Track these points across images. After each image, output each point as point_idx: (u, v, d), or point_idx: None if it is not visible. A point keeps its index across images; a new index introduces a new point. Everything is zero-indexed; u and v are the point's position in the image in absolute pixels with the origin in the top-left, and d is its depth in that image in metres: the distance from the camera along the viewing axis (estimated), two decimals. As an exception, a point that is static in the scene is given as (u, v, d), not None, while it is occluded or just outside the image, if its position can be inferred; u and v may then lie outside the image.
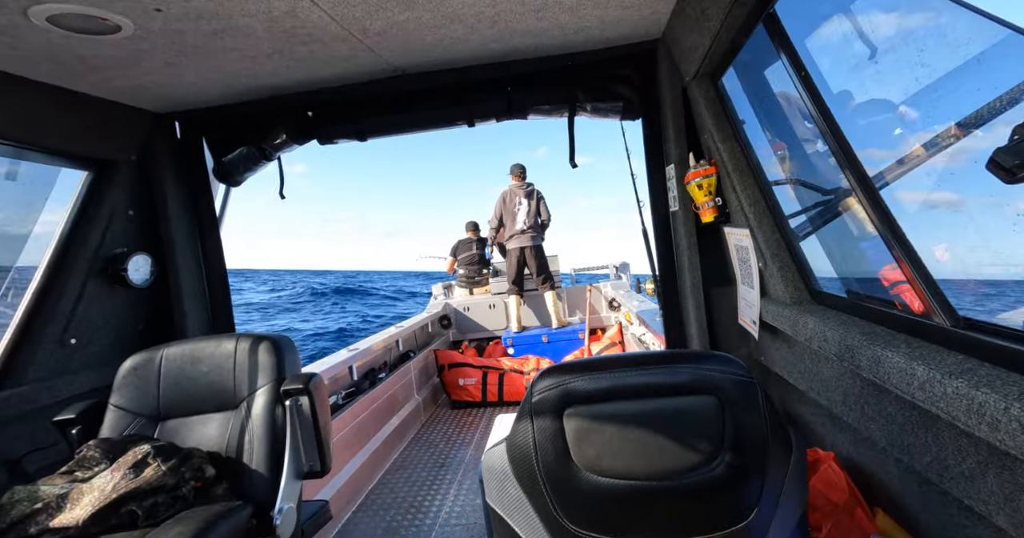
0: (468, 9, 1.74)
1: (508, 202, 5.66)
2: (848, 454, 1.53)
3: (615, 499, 0.89)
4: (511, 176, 5.73)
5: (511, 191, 5.67)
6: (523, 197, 5.60)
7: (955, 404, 0.92)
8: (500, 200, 5.73)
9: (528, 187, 5.65)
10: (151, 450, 1.53)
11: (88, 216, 2.24)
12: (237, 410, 1.74)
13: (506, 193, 5.70)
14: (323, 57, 2.05)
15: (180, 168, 2.59)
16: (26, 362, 1.99)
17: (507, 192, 5.70)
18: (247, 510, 1.52)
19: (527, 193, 5.62)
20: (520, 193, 5.61)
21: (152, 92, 2.22)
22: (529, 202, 5.59)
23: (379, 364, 4.08)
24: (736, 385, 0.85)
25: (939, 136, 1.19)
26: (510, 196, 5.66)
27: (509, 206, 5.64)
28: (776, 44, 1.43)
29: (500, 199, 5.73)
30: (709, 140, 2.02)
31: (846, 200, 1.49)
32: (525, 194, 5.61)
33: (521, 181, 5.68)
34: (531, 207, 5.59)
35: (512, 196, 5.65)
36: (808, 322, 1.50)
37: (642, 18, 1.97)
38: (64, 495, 1.39)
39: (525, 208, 5.58)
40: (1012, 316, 1.18)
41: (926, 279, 1.15)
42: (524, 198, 5.60)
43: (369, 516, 2.84)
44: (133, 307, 2.43)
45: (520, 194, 5.61)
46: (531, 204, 5.60)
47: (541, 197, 5.71)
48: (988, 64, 0.98)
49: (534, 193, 5.65)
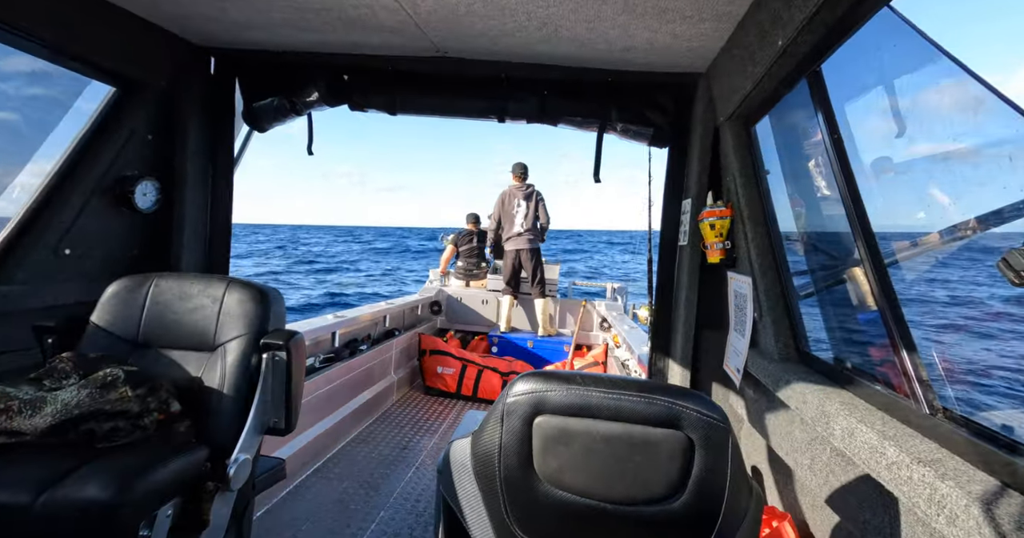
0: (521, 6, 1.75)
1: (507, 204, 5.65)
2: (803, 518, 1.54)
3: (569, 515, 0.90)
4: (512, 175, 5.72)
5: (510, 192, 5.66)
6: (522, 199, 5.59)
7: (918, 491, 0.93)
8: (499, 201, 5.72)
9: (528, 189, 5.64)
10: (122, 374, 1.54)
11: (106, 132, 2.24)
12: (214, 353, 1.75)
13: (505, 194, 5.69)
14: (371, 23, 2.05)
15: (207, 102, 2.58)
16: (17, 263, 2.00)
17: (506, 193, 5.69)
18: (203, 452, 1.53)
19: (526, 195, 5.61)
20: (519, 195, 5.61)
21: (195, 23, 2.22)
22: (528, 204, 5.58)
23: (363, 336, 4.10)
24: (709, 428, 0.85)
25: (958, 226, 1.19)
26: (509, 198, 5.66)
27: (508, 208, 5.63)
28: (815, 102, 1.44)
29: (499, 200, 5.72)
30: (731, 182, 2.03)
31: (852, 269, 1.50)
32: (524, 196, 5.60)
33: (521, 182, 5.67)
34: (529, 209, 5.58)
35: (511, 198, 5.64)
36: (791, 381, 1.50)
37: (690, 50, 1.97)
38: (28, 401, 1.40)
39: (523, 210, 5.58)
40: (991, 415, 1.18)
41: (915, 363, 1.15)
42: (523, 200, 5.59)
43: (323, 483, 2.85)
44: (133, 231, 2.43)
45: (519, 196, 5.60)
46: (529, 206, 5.59)
47: (540, 199, 5.69)
48: (1019, 163, 0.99)
49: (533, 195, 5.64)
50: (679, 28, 1.80)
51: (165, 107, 2.45)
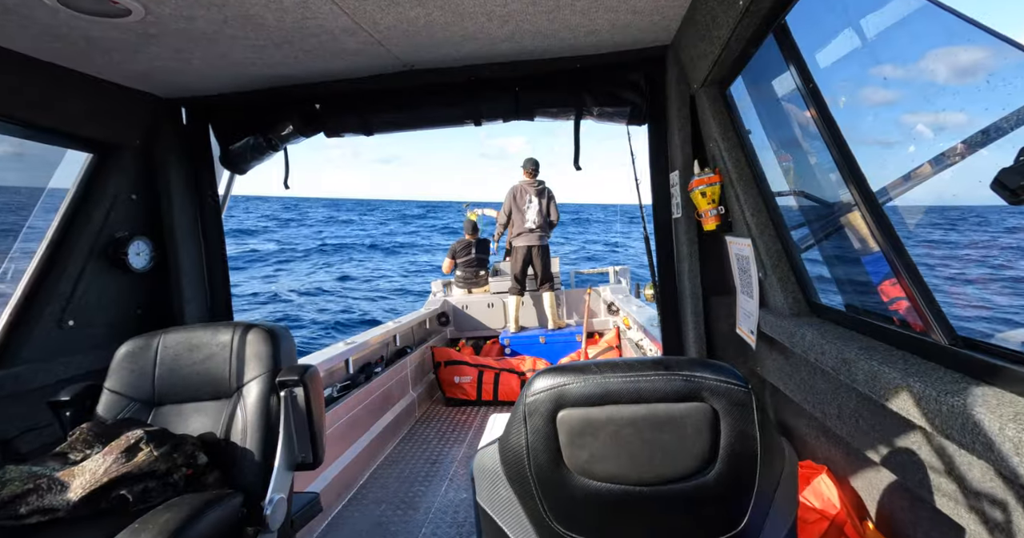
0: (479, 7, 1.74)
1: (519, 199, 5.65)
2: (840, 468, 1.53)
3: (605, 503, 0.89)
4: (523, 171, 5.72)
5: (522, 188, 5.66)
6: (534, 195, 5.59)
7: (950, 422, 0.92)
8: (510, 196, 5.71)
9: (539, 185, 5.65)
10: (144, 435, 1.53)
11: (91, 199, 2.24)
12: (232, 399, 1.74)
13: (516, 189, 5.69)
14: (333, 49, 2.05)
15: (184, 154, 2.58)
16: (23, 342, 1.99)
17: (517, 188, 5.69)
18: (238, 499, 1.52)
19: (538, 191, 5.61)
20: (531, 191, 5.61)
21: (160, 77, 2.22)
22: (540, 201, 5.59)
23: (375, 358, 4.09)
24: (731, 394, 0.85)
25: (945, 153, 1.19)
26: (520, 193, 5.65)
27: (519, 203, 5.63)
28: (785, 55, 1.43)
29: (510, 195, 5.71)
30: (715, 148, 2.03)
31: (849, 214, 1.49)
32: (536, 192, 5.60)
33: (532, 178, 5.67)
34: (541, 206, 5.59)
35: (523, 193, 5.64)
36: (806, 334, 1.50)
37: (652, 24, 1.97)
38: (55, 477, 1.39)
39: (536, 206, 5.58)
40: (1010, 335, 1.19)
41: (926, 296, 1.15)
42: (535, 196, 5.59)
43: (359, 510, 2.85)
44: (132, 291, 2.43)
45: (531, 192, 5.61)
46: (542, 202, 5.59)
47: (552, 196, 5.70)
48: (998, 84, 0.98)
49: (545, 191, 5.65)
50: (639, 3, 1.80)
51: (144, 164, 2.45)
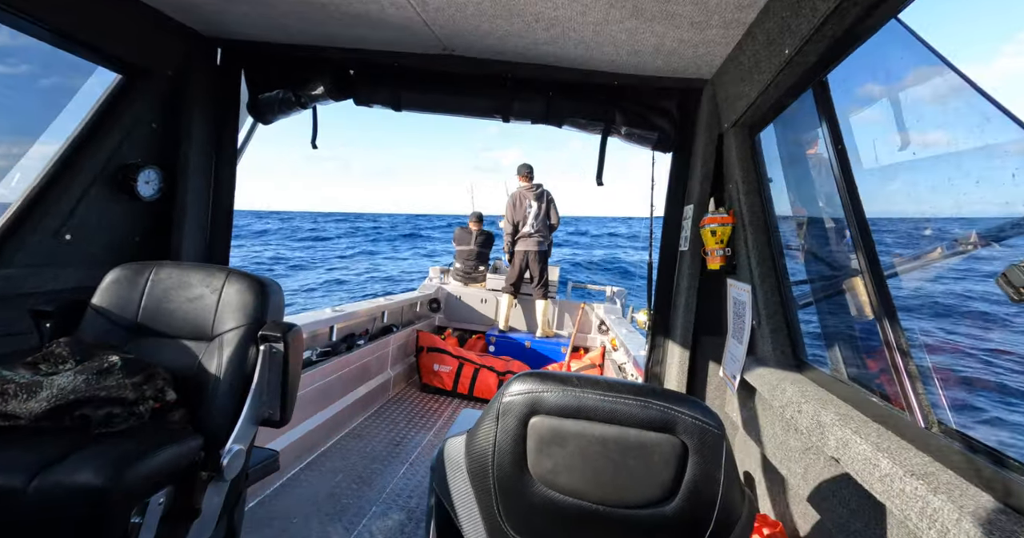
0: (529, 6, 1.75)
1: (519, 205, 5.64)
2: (794, 527, 1.54)
3: (561, 516, 0.90)
4: (519, 177, 5.71)
5: (521, 194, 5.65)
6: (532, 200, 5.59)
7: (910, 504, 0.93)
8: (511, 204, 5.71)
9: (537, 189, 5.64)
10: (118, 361, 1.54)
11: (110, 120, 2.24)
12: (212, 343, 1.75)
13: (515, 196, 5.68)
14: (377, 19, 2.05)
15: (212, 94, 2.58)
16: (16, 247, 1.99)
17: (516, 195, 5.68)
18: (197, 441, 1.53)
19: (537, 195, 5.61)
20: (530, 196, 5.61)
21: (202, 12, 2.22)
22: (539, 205, 5.59)
23: (360, 331, 4.10)
24: (704, 433, 0.85)
25: (959, 241, 1.20)
26: (520, 199, 5.65)
27: (520, 209, 5.63)
28: (820, 111, 1.44)
29: (510, 203, 5.71)
30: (733, 190, 2.03)
31: (852, 279, 1.50)
32: (535, 197, 5.60)
33: (529, 182, 5.67)
34: (541, 210, 5.59)
35: (522, 199, 5.64)
36: (787, 389, 1.50)
37: (696, 56, 1.97)
38: (24, 384, 1.40)
39: (535, 211, 5.58)
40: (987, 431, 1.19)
41: (911, 375, 1.15)
42: (534, 201, 5.59)
43: (316, 476, 2.86)
44: (134, 218, 2.43)
45: (530, 197, 5.60)
46: (541, 207, 5.59)
47: (551, 199, 5.69)
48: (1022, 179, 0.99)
49: (543, 195, 5.64)
50: (686, 34, 1.80)
51: (170, 96, 2.45)
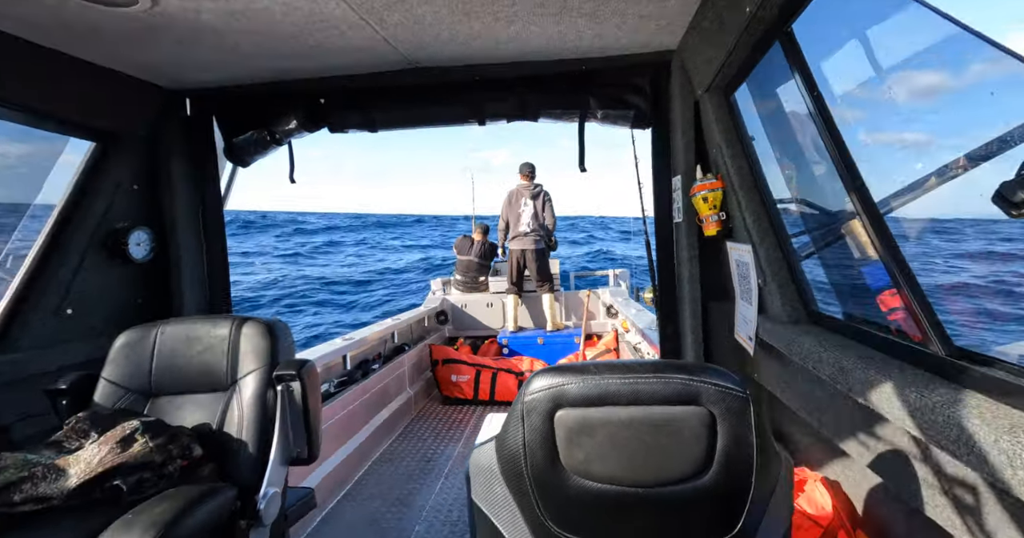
0: (486, 7, 1.74)
1: (513, 202, 5.63)
2: (835, 476, 1.54)
3: (601, 504, 0.90)
4: (519, 175, 5.71)
5: (517, 191, 5.65)
6: (528, 198, 5.58)
7: (945, 433, 0.92)
8: (506, 200, 5.70)
9: (535, 188, 5.63)
10: (139, 426, 1.53)
11: (92, 188, 2.24)
12: (228, 392, 1.74)
13: (512, 193, 5.67)
14: (339, 45, 2.05)
15: (188, 145, 2.58)
16: (21, 330, 1.99)
17: (513, 192, 5.67)
18: (232, 492, 1.52)
19: (533, 194, 5.59)
20: (526, 194, 5.59)
21: (165, 68, 2.22)
22: (534, 203, 5.57)
23: (373, 355, 4.09)
24: (729, 399, 0.85)
25: (947, 166, 1.19)
26: (516, 196, 5.64)
27: (514, 206, 5.62)
28: (791, 62, 1.43)
29: (506, 199, 5.70)
30: (718, 154, 2.03)
31: (850, 223, 1.50)
32: (531, 195, 5.58)
33: (529, 181, 5.65)
34: (535, 209, 5.57)
35: (518, 196, 5.63)
36: (804, 342, 1.50)
37: (659, 28, 1.97)
38: (50, 465, 1.39)
39: (530, 210, 5.56)
40: (1007, 349, 1.19)
41: (924, 306, 1.15)
42: (529, 199, 5.57)
43: (354, 506, 2.85)
44: (132, 282, 2.43)
45: (526, 195, 5.59)
46: (536, 206, 5.57)
47: (548, 199, 5.68)
48: (1002, 97, 0.99)
49: (540, 194, 5.63)
50: (646, 8, 1.80)
51: (147, 155, 2.45)
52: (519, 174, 5.71)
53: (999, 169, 0.92)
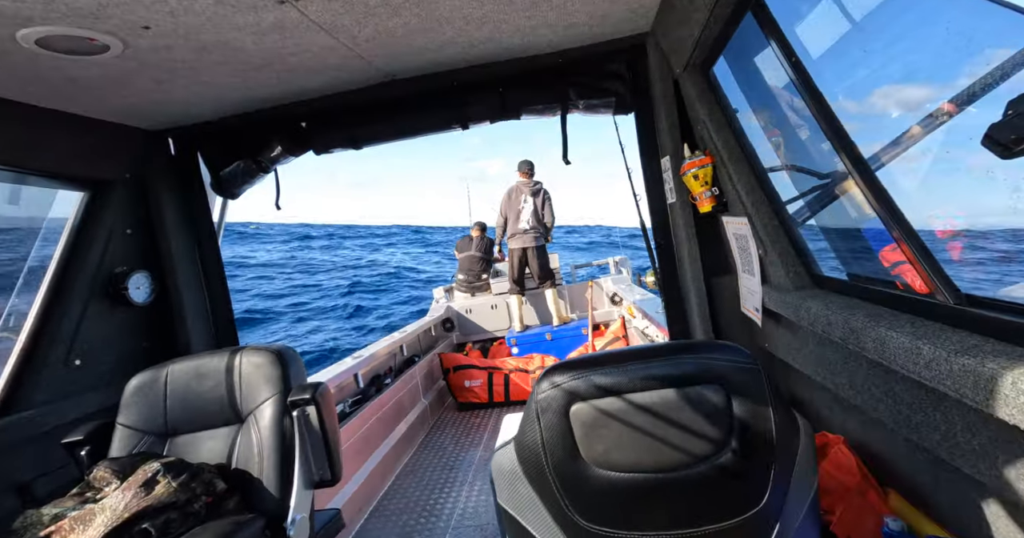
0: (456, 11, 1.74)
1: (513, 199, 5.61)
2: (857, 436, 1.53)
3: (626, 493, 0.89)
4: (519, 173, 5.69)
5: (516, 188, 5.63)
6: (528, 195, 5.56)
7: (962, 381, 0.92)
8: (505, 197, 5.67)
9: (535, 185, 5.61)
10: (161, 467, 1.52)
11: (86, 236, 2.24)
12: (245, 423, 1.74)
13: (511, 189, 5.65)
14: (314, 67, 2.04)
15: (175, 184, 2.59)
16: (32, 386, 1.99)
17: (512, 189, 5.66)
18: (260, 523, 1.52)
19: (533, 191, 5.58)
20: (526, 191, 5.57)
21: (144, 110, 2.22)
22: (534, 201, 5.55)
23: (384, 370, 4.08)
24: (740, 372, 0.85)
25: (932, 114, 1.19)
26: (515, 193, 5.62)
27: (514, 203, 5.59)
28: (765, 32, 1.43)
29: (505, 196, 5.67)
30: (703, 130, 2.02)
31: (843, 183, 1.49)
32: (531, 192, 5.57)
33: (529, 178, 5.63)
34: (535, 206, 5.55)
35: (517, 193, 5.60)
36: (811, 307, 1.50)
37: (630, 11, 1.97)
38: (76, 517, 1.39)
39: (530, 207, 5.54)
40: (1014, 291, 1.19)
41: (927, 258, 1.14)
42: (529, 196, 5.56)
43: (382, 522, 2.84)
44: (136, 325, 2.43)
45: (526, 192, 5.57)
46: (536, 203, 5.56)
47: (548, 197, 5.66)
48: (979, 39, 0.98)
49: (540, 192, 5.61)
50: None
51: (137, 198, 2.46)
52: (518, 172, 5.70)
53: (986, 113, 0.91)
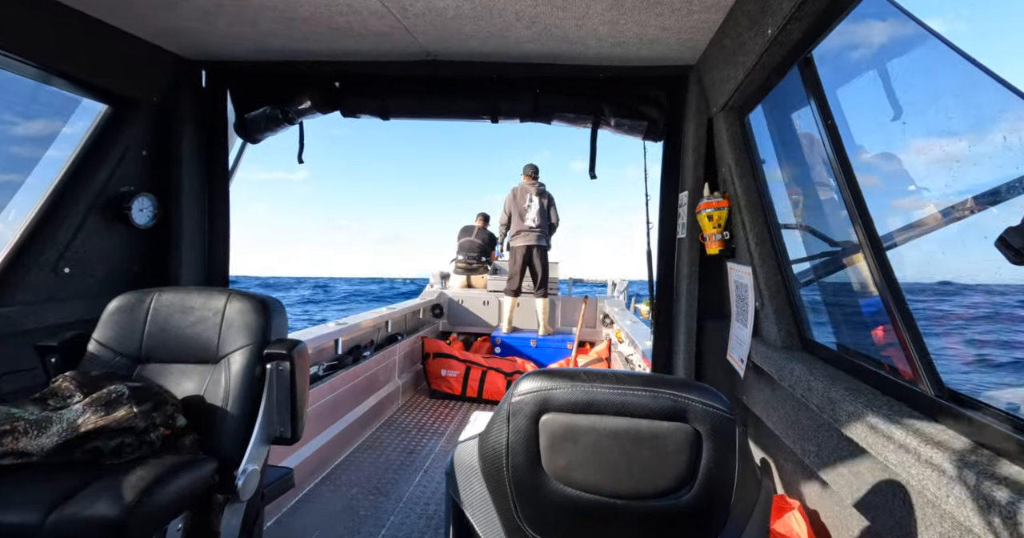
0: (509, 6, 1.75)
1: (519, 198, 5.60)
2: (813, 506, 1.53)
3: (578, 511, 0.90)
4: (523, 175, 5.70)
5: (522, 188, 5.63)
6: (534, 194, 5.56)
7: (926, 473, 0.92)
8: (510, 196, 5.67)
9: (540, 186, 5.62)
10: (126, 390, 1.53)
11: (100, 150, 2.24)
12: (217, 365, 1.75)
13: (517, 189, 5.65)
14: (359, 30, 2.05)
15: (200, 116, 2.59)
16: (16, 284, 1.99)
17: (518, 189, 5.65)
18: (211, 465, 1.53)
19: (538, 191, 5.58)
20: (531, 190, 5.58)
21: (184, 37, 2.22)
22: (541, 201, 5.55)
23: (365, 342, 4.09)
24: (715, 419, 0.85)
25: (955, 207, 1.19)
26: (521, 192, 5.61)
27: (519, 202, 5.58)
28: (807, 89, 1.43)
29: (510, 195, 5.67)
30: (727, 173, 2.03)
31: (852, 255, 1.50)
32: (536, 192, 5.57)
33: (533, 180, 5.65)
34: (542, 205, 5.56)
35: (523, 193, 5.60)
36: (795, 369, 1.50)
37: (679, 42, 1.97)
38: (33, 421, 1.40)
39: (536, 206, 5.54)
40: (996, 394, 1.19)
41: (918, 346, 1.15)
42: (535, 196, 5.56)
43: (331, 490, 2.85)
44: (131, 247, 2.43)
45: (531, 191, 5.57)
46: (543, 202, 5.56)
47: (553, 200, 5.68)
48: (1014, 142, 0.98)
49: (545, 193, 5.62)
50: (668, 21, 1.80)
51: (158, 122, 2.45)
52: (523, 175, 5.73)
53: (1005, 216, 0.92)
